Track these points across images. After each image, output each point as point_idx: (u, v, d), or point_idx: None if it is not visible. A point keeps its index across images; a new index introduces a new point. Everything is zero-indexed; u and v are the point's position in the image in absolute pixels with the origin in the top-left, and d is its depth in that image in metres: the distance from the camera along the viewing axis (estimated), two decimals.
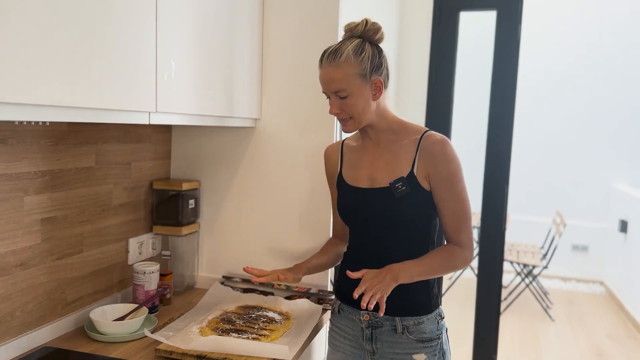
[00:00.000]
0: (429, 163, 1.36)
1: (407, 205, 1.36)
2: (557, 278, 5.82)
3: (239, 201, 1.92)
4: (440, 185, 1.36)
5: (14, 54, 0.88)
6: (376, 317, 1.41)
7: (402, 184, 1.35)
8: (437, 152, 1.35)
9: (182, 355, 1.33)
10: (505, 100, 2.69)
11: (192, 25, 1.42)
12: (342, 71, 1.32)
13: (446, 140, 1.37)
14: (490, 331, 2.83)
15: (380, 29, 1.37)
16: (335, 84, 1.33)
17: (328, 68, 1.34)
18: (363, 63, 1.32)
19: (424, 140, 1.37)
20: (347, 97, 1.34)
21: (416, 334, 1.39)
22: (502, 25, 2.67)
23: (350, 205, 1.46)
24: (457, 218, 1.39)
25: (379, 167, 1.42)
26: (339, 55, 1.32)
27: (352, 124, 1.39)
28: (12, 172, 1.30)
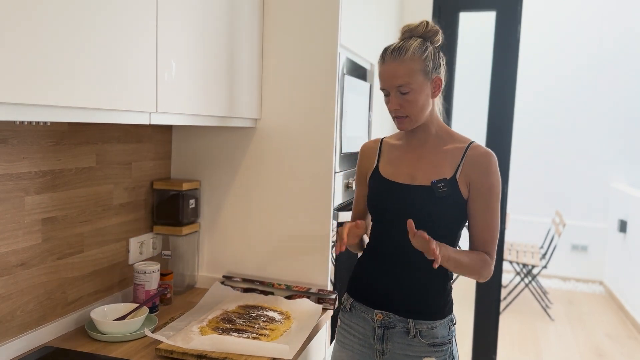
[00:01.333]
0: (474, 172, 1.38)
1: (444, 205, 1.38)
2: (557, 278, 5.83)
3: (239, 201, 1.93)
4: (479, 195, 1.39)
5: (14, 54, 0.88)
6: (389, 317, 1.42)
7: (444, 185, 1.37)
8: (483, 164, 1.38)
9: (182, 354, 1.33)
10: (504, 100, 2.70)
11: (193, 26, 1.42)
12: (407, 67, 1.34)
13: (492, 154, 1.40)
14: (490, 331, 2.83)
15: (439, 31, 1.41)
16: (399, 79, 1.35)
17: (392, 64, 1.36)
18: (427, 60, 1.35)
19: (471, 149, 1.40)
20: (409, 92, 1.36)
21: (428, 338, 1.40)
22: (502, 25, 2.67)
23: (385, 198, 1.45)
24: (489, 230, 1.41)
25: (421, 167, 1.43)
26: (404, 51, 1.35)
27: (408, 122, 1.40)
28: (12, 172, 1.30)
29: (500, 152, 2.71)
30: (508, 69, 2.66)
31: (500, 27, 2.67)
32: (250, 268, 1.93)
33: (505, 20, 2.66)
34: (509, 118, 2.70)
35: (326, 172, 1.82)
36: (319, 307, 1.68)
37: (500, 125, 2.72)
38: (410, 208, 1.40)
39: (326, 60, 1.78)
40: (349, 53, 2.01)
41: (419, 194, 1.40)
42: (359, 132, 2.20)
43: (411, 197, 1.41)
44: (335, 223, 1.91)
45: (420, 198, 1.39)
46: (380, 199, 1.46)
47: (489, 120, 2.74)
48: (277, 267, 1.90)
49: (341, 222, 1.95)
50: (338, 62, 1.79)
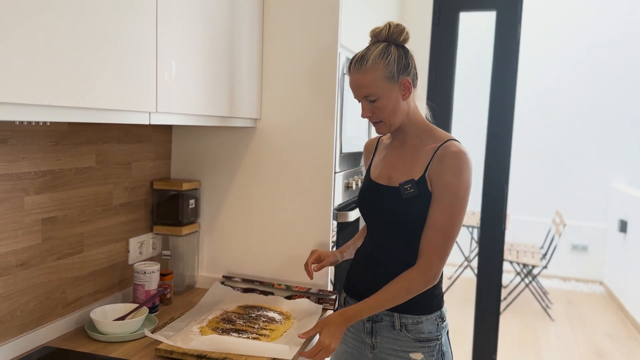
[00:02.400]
0: (436, 170, 1.36)
1: (411, 207, 1.37)
2: (557, 278, 5.83)
3: (239, 201, 1.92)
4: (436, 192, 1.35)
5: (15, 54, 0.88)
6: None
7: (411, 186, 1.37)
8: (446, 161, 1.34)
9: (182, 354, 1.33)
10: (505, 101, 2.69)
11: (193, 26, 1.42)
12: (369, 76, 1.35)
13: (463, 154, 1.34)
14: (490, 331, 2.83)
15: (404, 30, 1.39)
16: (364, 89, 1.37)
17: (356, 75, 1.37)
18: (389, 66, 1.35)
19: (442, 148, 1.37)
20: (377, 100, 1.37)
21: (414, 333, 1.40)
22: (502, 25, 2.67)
23: (363, 198, 1.50)
24: (431, 229, 1.34)
25: (397, 168, 1.44)
26: (365, 61, 1.35)
27: (383, 127, 1.42)
28: (12, 172, 1.30)
29: (500, 152, 2.71)
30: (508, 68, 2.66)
31: (500, 27, 2.67)
32: (250, 268, 1.93)
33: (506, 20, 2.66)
34: (509, 118, 2.69)
35: (326, 172, 1.82)
36: (319, 307, 1.68)
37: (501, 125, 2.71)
38: (382, 209, 1.44)
39: (326, 60, 1.78)
40: (349, 53, 2.01)
41: (390, 195, 1.42)
42: (359, 132, 2.20)
43: (383, 198, 1.44)
44: (336, 223, 1.91)
45: (390, 199, 1.41)
46: (361, 199, 1.51)
47: (489, 120, 2.74)
48: (277, 267, 1.89)
49: (341, 222, 1.95)
50: (338, 62, 1.79)
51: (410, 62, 1.39)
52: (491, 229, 2.78)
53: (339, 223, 1.96)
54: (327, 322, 1.34)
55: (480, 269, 2.84)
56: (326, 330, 1.32)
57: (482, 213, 2.79)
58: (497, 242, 2.77)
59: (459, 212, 1.34)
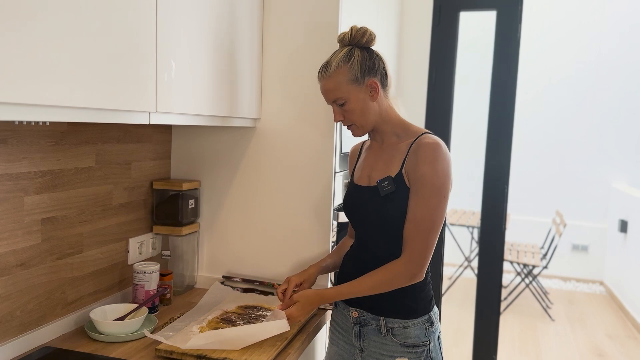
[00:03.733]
0: (410, 162, 1.35)
1: (390, 204, 1.37)
2: (557, 278, 5.82)
3: (239, 201, 1.92)
4: (413, 185, 1.34)
5: (14, 54, 0.88)
6: (364, 315, 1.43)
7: (388, 183, 1.37)
8: (421, 153, 1.34)
9: (182, 355, 1.33)
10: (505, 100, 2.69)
11: (193, 25, 1.42)
12: (334, 81, 1.38)
13: (437, 145, 1.33)
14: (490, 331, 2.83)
15: (366, 32, 1.40)
16: (331, 94, 1.40)
17: (323, 81, 1.41)
18: (353, 68, 1.36)
19: (416, 142, 1.37)
20: (345, 103, 1.39)
21: (400, 338, 1.39)
22: (502, 25, 2.67)
23: (347, 201, 1.51)
24: (415, 223, 1.32)
25: (376, 167, 1.45)
26: (329, 66, 1.39)
27: (356, 129, 1.44)
28: (12, 172, 1.30)
29: (500, 152, 2.71)
30: (508, 68, 2.66)
31: (500, 26, 2.67)
32: (250, 268, 1.93)
33: (506, 20, 2.65)
34: (510, 118, 2.69)
35: (326, 172, 1.82)
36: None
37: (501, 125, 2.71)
38: (363, 210, 1.44)
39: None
40: None
41: (368, 195, 1.42)
42: None
43: (363, 199, 1.44)
44: (336, 223, 1.91)
45: (369, 199, 1.42)
46: (345, 202, 1.52)
47: (490, 120, 2.74)
48: (277, 267, 1.89)
49: (341, 222, 1.95)
50: None
51: (377, 63, 1.40)
52: (491, 229, 2.78)
53: (339, 223, 1.96)
54: (303, 295, 1.40)
55: (481, 269, 2.84)
56: (300, 304, 1.39)
57: (482, 213, 2.79)
58: (497, 242, 2.77)
59: (437, 204, 1.32)
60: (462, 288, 5.19)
